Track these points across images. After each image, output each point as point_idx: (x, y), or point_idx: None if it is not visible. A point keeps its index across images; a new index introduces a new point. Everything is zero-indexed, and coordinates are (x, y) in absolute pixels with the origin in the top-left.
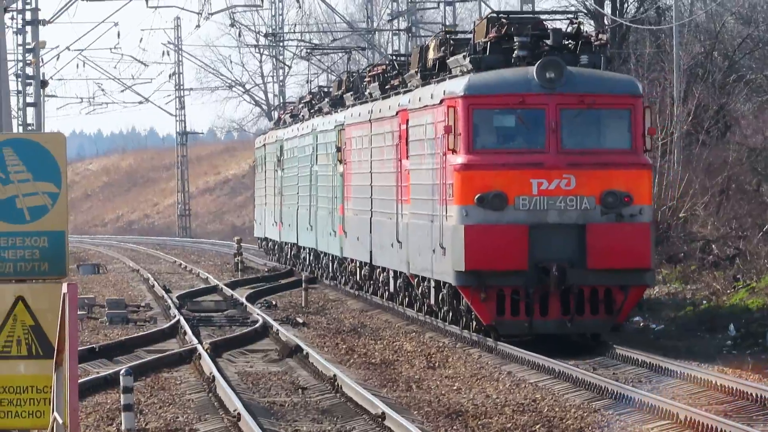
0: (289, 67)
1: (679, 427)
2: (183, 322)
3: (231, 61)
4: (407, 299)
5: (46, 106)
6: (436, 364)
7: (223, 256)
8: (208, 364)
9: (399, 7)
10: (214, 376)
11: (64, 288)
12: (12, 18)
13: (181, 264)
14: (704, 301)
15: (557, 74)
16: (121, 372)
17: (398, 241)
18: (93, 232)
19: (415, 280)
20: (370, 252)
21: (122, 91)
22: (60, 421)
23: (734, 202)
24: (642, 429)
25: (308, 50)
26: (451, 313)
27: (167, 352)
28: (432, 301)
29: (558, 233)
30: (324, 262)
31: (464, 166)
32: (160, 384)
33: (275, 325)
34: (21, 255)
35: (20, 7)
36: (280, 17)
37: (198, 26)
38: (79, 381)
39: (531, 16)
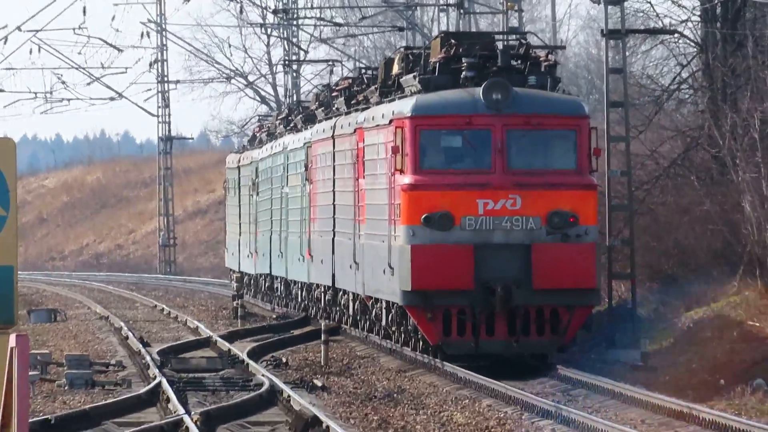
0: (306, 53)
1: None
2: (165, 385)
3: (230, 45)
4: (367, 323)
5: None
6: None
7: (219, 299)
8: None
9: None
10: None
11: (12, 341)
12: None
13: (163, 309)
14: None
15: (504, 95)
16: None
17: (355, 263)
18: (50, 268)
19: (370, 302)
20: (333, 275)
21: (89, 83)
22: None
23: None
24: None
25: (286, 62)
26: (403, 335)
27: (145, 426)
28: (384, 323)
29: (504, 253)
30: (294, 291)
31: (411, 186)
32: None
33: (286, 389)
34: None
35: None
36: None
37: (187, 0)
38: None
39: (481, 34)
